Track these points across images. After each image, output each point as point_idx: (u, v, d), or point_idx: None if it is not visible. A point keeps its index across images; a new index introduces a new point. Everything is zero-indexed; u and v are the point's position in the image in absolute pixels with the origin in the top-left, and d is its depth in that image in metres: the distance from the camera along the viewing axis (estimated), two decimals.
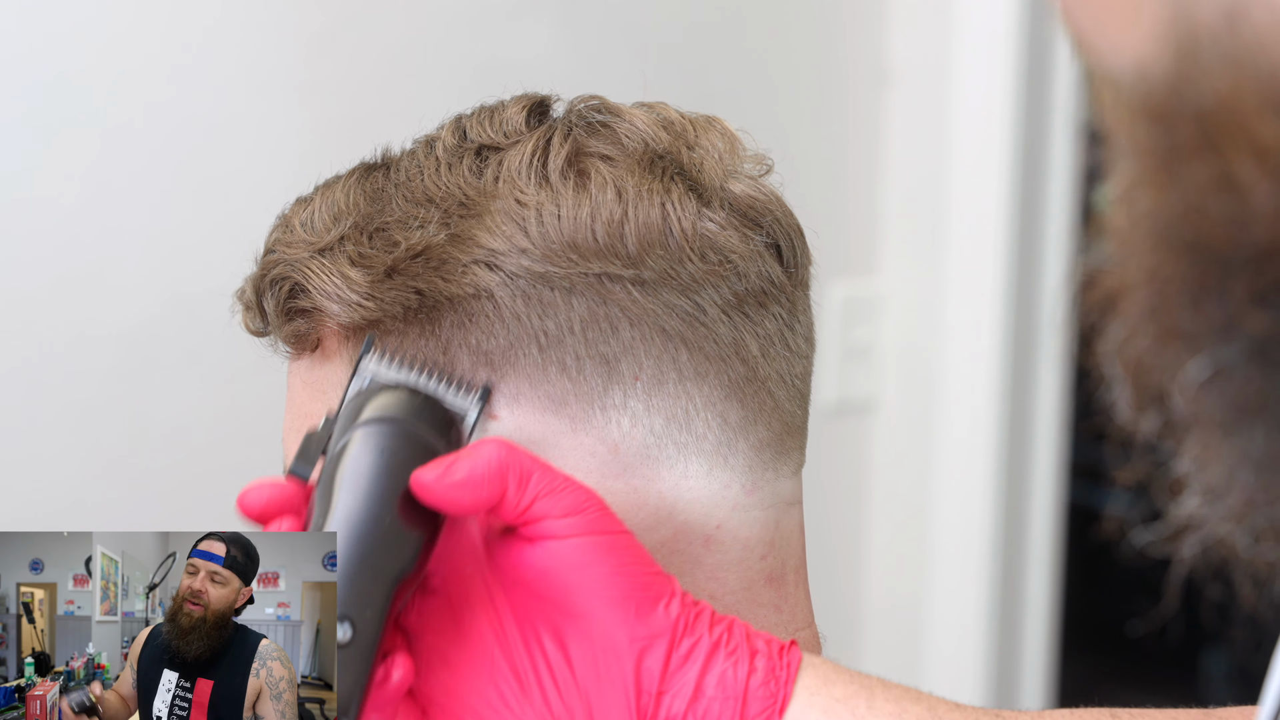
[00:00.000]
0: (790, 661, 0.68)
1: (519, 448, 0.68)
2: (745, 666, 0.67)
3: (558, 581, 0.67)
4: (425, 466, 0.67)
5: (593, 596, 0.67)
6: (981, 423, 1.85)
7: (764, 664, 0.67)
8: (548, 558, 0.67)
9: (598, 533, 0.67)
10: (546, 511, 0.67)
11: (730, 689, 0.67)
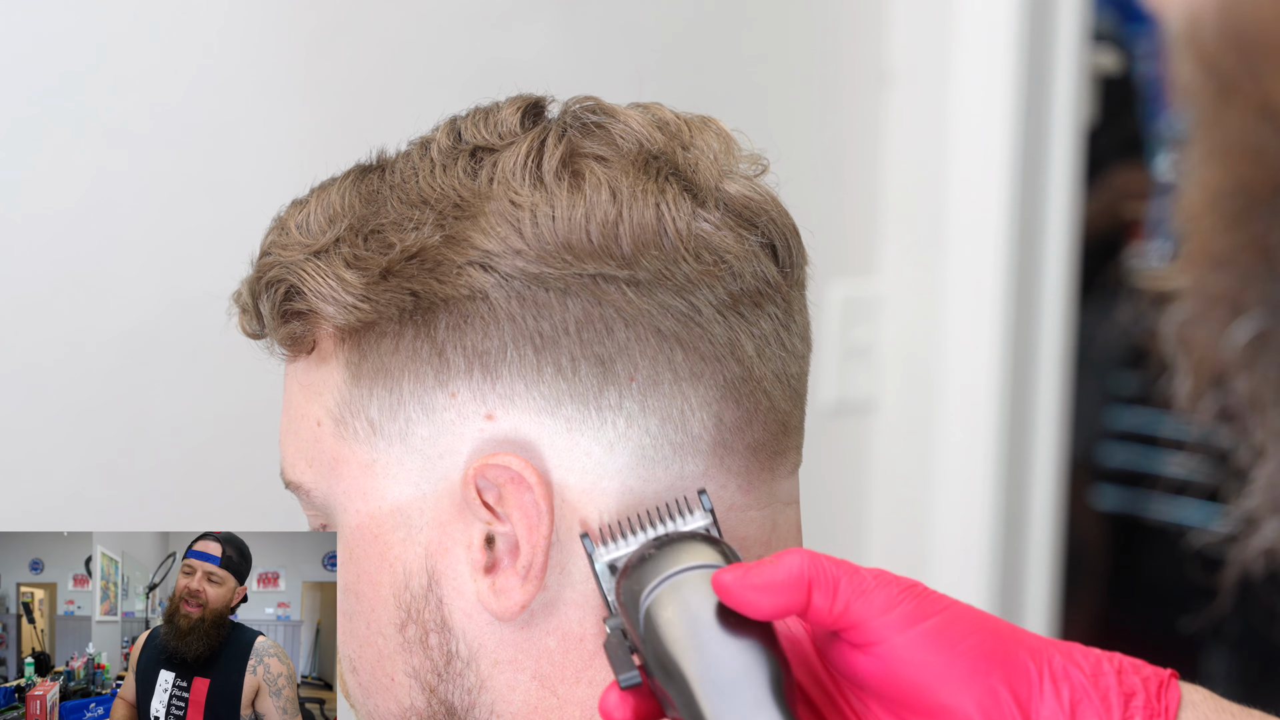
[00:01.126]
0: (1168, 704, 0.66)
1: (820, 555, 0.67)
2: (1119, 713, 0.65)
3: (900, 682, 0.66)
4: (723, 570, 0.67)
5: (939, 690, 0.65)
6: (981, 423, 1.85)
7: (1141, 707, 0.65)
8: (881, 662, 0.66)
9: (921, 620, 0.66)
10: (863, 615, 0.66)
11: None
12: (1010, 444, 1.87)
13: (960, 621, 0.66)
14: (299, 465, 0.80)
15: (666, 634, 0.66)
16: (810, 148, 1.81)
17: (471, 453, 0.75)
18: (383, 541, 0.77)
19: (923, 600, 0.66)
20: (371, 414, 0.77)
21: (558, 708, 0.76)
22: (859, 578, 0.66)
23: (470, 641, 0.76)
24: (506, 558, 0.75)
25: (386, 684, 0.78)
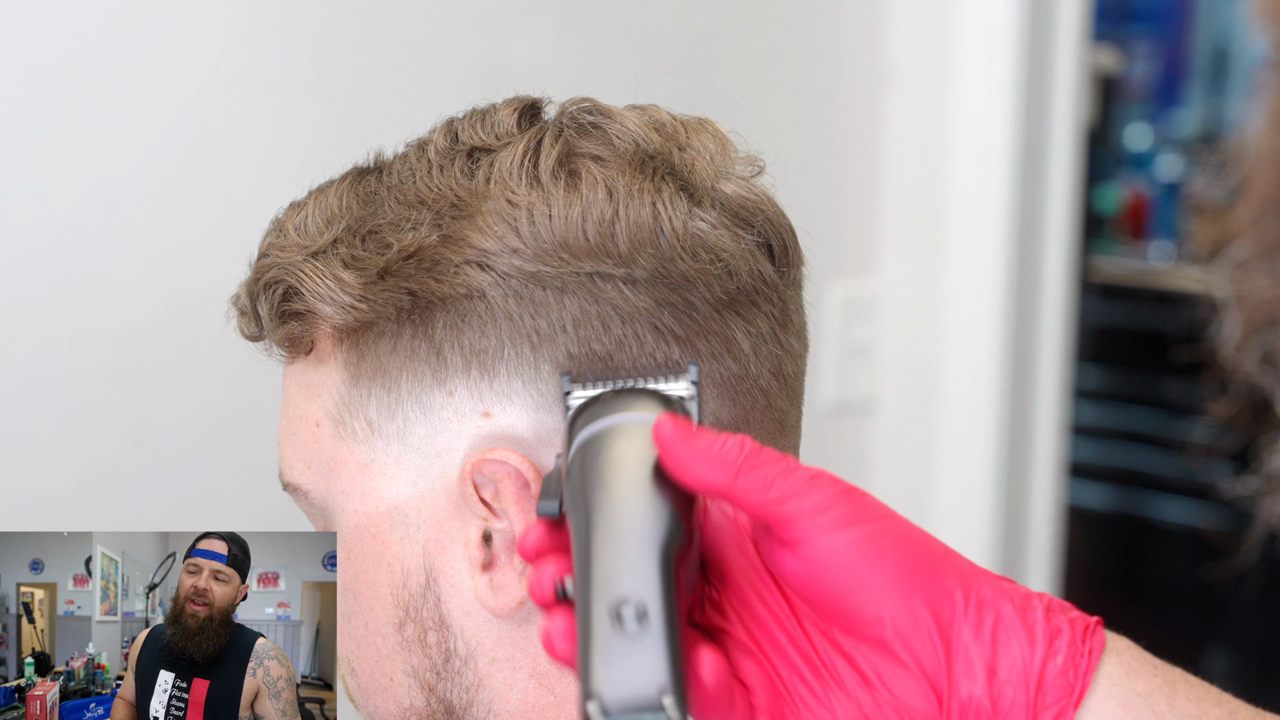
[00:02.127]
0: (1093, 647, 0.65)
1: (767, 449, 0.66)
2: (1043, 650, 0.64)
3: (821, 586, 0.65)
4: (666, 417, 0.65)
5: (859, 598, 0.65)
6: (981, 423, 1.85)
7: (1065, 647, 0.65)
8: (806, 564, 0.65)
9: (851, 526, 0.65)
10: (794, 512, 0.65)
11: (1025, 673, 0.64)
12: (1010, 444, 1.87)
13: (891, 534, 0.65)
14: (297, 466, 0.80)
15: (586, 470, 0.65)
16: (810, 147, 1.81)
17: (469, 450, 0.75)
18: (381, 541, 0.77)
19: (857, 506, 0.65)
20: (370, 414, 0.77)
21: (555, 705, 0.76)
22: (794, 474, 0.65)
23: (468, 639, 0.76)
24: (504, 554, 0.75)
25: (385, 684, 0.78)
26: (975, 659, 0.64)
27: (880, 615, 0.65)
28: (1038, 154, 1.85)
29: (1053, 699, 0.64)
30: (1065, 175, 1.87)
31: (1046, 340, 1.89)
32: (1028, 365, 1.88)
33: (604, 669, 0.58)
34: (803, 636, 0.67)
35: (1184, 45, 4.60)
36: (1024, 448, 1.89)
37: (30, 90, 1.31)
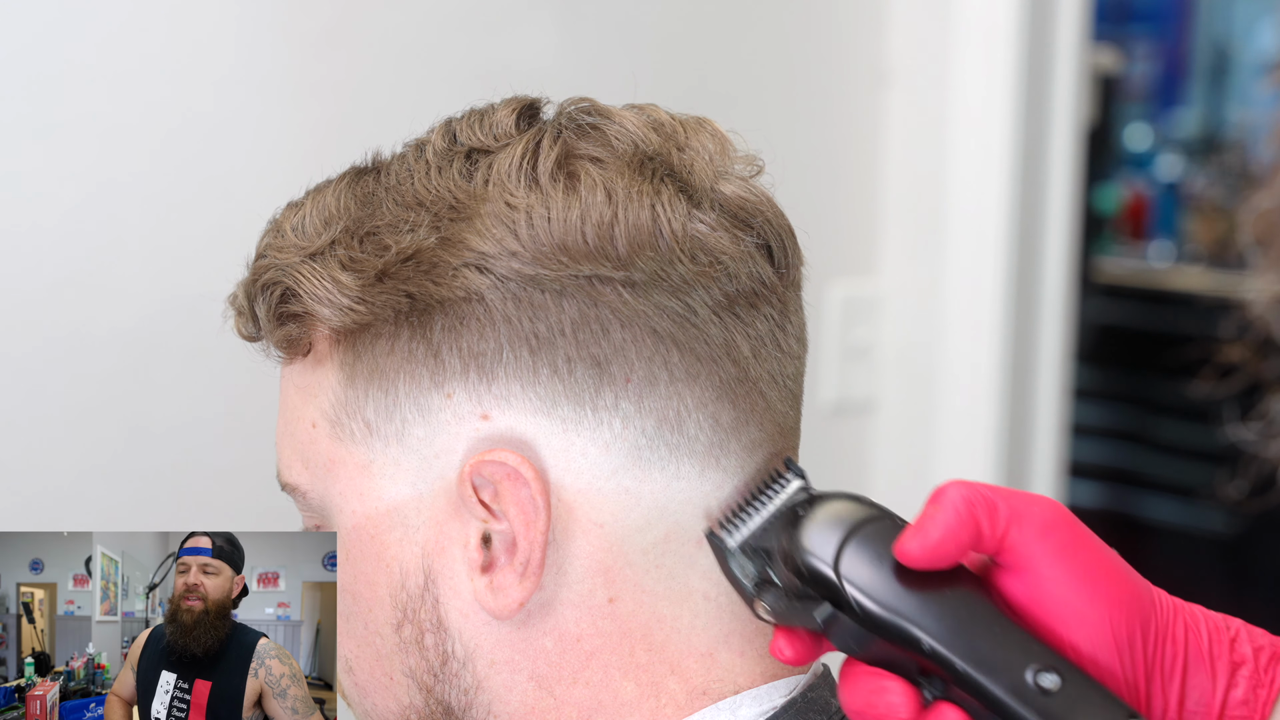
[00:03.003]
0: (1275, 676, 0.67)
1: (974, 483, 0.69)
2: (1224, 680, 0.66)
3: (1044, 610, 0.68)
4: (902, 540, 0.69)
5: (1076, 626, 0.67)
6: (981, 423, 1.85)
7: (1246, 677, 0.66)
8: (1029, 588, 0.68)
9: (1071, 555, 0.67)
10: (1017, 541, 0.68)
11: (1208, 704, 0.66)
12: (1010, 444, 1.87)
13: (1105, 564, 0.68)
14: (295, 467, 0.80)
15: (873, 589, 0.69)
16: (810, 148, 1.81)
17: (467, 451, 0.75)
18: (379, 542, 0.77)
19: (1073, 533, 0.68)
20: (367, 415, 0.77)
21: (554, 708, 0.76)
22: (1013, 501, 0.68)
23: (467, 642, 0.76)
24: (503, 555, 0.75)
25: (384, 684, 0.78)
26: (1169, 692, 0.67)
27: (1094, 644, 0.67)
28: (1038, 154, 1.85)
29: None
30: (1065, 175, 1.87)
31: (1046, 340, 1.89)
32: (1027, 365, 1.88)
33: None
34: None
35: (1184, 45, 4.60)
36: (1024, 448, 1.89)
37: (30, 91, 1.31)
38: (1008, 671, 0.64)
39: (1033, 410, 1.89)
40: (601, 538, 0.75)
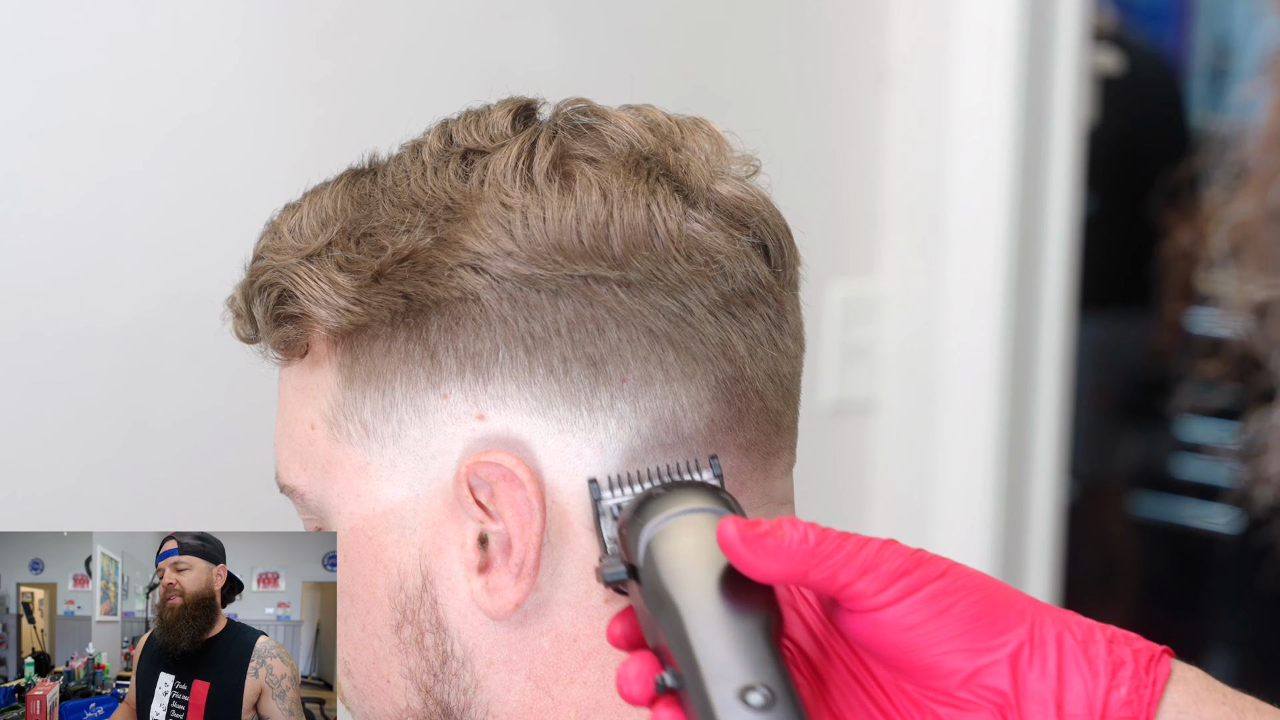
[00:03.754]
0: (1157, 677, 0.66)
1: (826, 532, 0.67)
2: (1105, 681, 0.65)
3: (890, 644, 0.66)
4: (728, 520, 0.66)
5: (927, 651, 0.66)
6: (981, 423, 1.85)
7: (1128, 679, 0.65)
8: (874, 626, 0.66)
9: (918, 589, 0.66)
10: (863, 590, 0.66)
11: (1090, 704, 0.65)
12: (1010, 444, 1.87)
13: (953, 588, 0.66)
14: (293, 469, 0.80)
15: (665, 565, 0.67)
16: (810, 147, 1.81)
17: (463, 452, 0.75)
18: (377, 543, 0.77)
19: (923, 568, 0.66)
20: (364, 416, 0.77)
21: (552, 708, 0.76)
22: (861, 551, 0.66)
23: (465, 642, 0.76)
24: (499, 556, 0.75)
25: (382, 685, 0.78)
26: (1045, 696, 0.65)
27: (947, 667, 0.66)
28: (1038, 154, 1.85)
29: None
30: (1065, 175, 1.87)
31: (1046, 340, 1.89)
32: (1028, 365, 1.88)
33: None
34: (881, 693, 0.68)
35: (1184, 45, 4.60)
36: (1024, 448, 1.89)
37: (30, 90, 1.31)
38: (724, 681, 0.62)
39: (1033, 410, 1.89)
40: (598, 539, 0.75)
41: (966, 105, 1.83)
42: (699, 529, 0.68)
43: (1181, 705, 0.66)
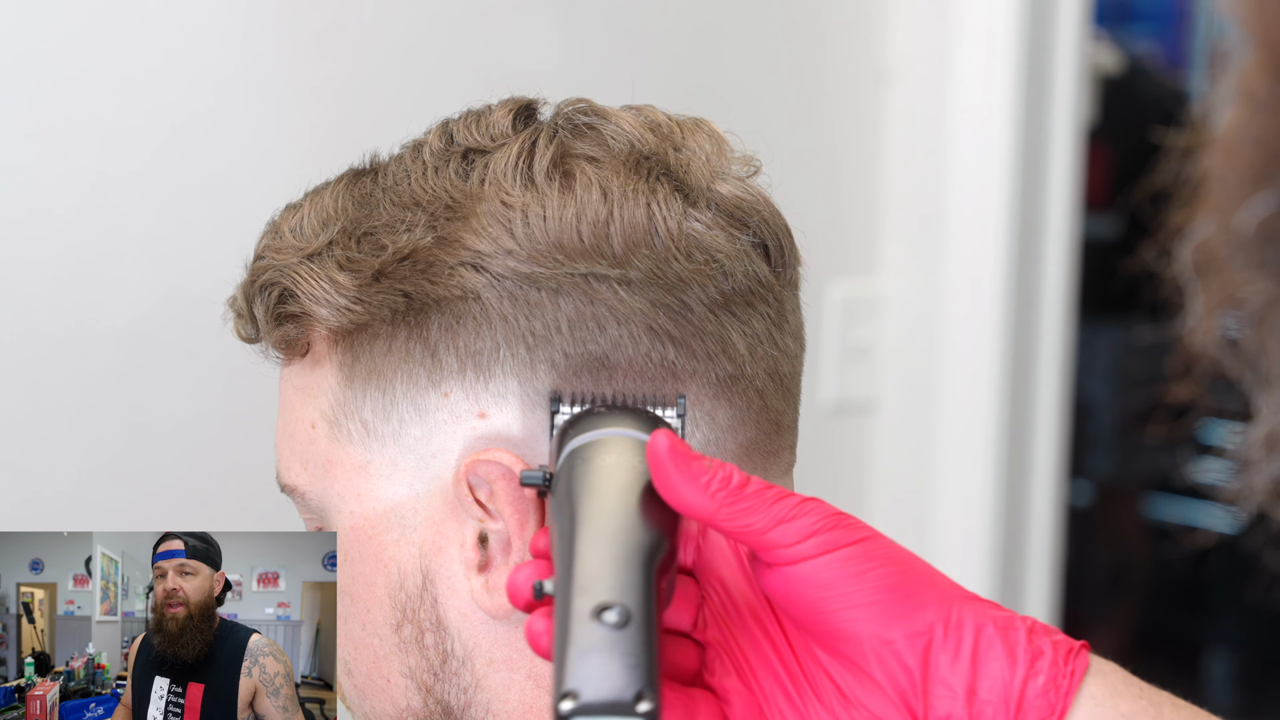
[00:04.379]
0: (1075, 669, 0.65)
1: (756, 481, 0.66)
2: (1024, 670, 0.65)
3: (802, 603, 0.66)
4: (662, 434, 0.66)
5: (837, 614, 0.66)
6: (981, 423, 1.85)
7: (1046, 668, 0.65)
8: (788, 582, 0.66)
9: (835, 548, 0.66)
10: (778, 539, 0.66)
11: (1005, 692, 0.65)
12: (1010, 444, 1.87)
13: (874, 555, 0.66)
14: (294, 468, 0.80)
15: (576, 477, 0.67)
16: (810, 147, 1.81)
17: (464, 451, 0.75)
18: (377, 542, 0.77)
19: (842, 529, 0.66)
20: (365, 415, 0.77)
21: None
22: (780, 501, 0.66)
23: (465, 640, 0.76)
24: (499, 555, 0.75)
25: (382, 685, 0.78)
26: (954, 679, 0.65)
27: (856, 633, 0.65)
28: (1038, 154, 1.85)
29: (1033, 719, 0.64)
30: (1065, 175, 1.87)
31: (1046, 340, 1.89)
32: (1028, 364, 1.88)
33: (582, 668, 0.59)
34: (789, 652, 0.68)
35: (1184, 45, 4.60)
36: (1024, 448, 1.89)
37: (30, 90, 1.31)
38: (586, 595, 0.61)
39: (1033, 410, 1.89)
40: None
41: (966, 105, 1.83)
42: (622, 451, 0.68)
43: (1099, 698, 0.65)
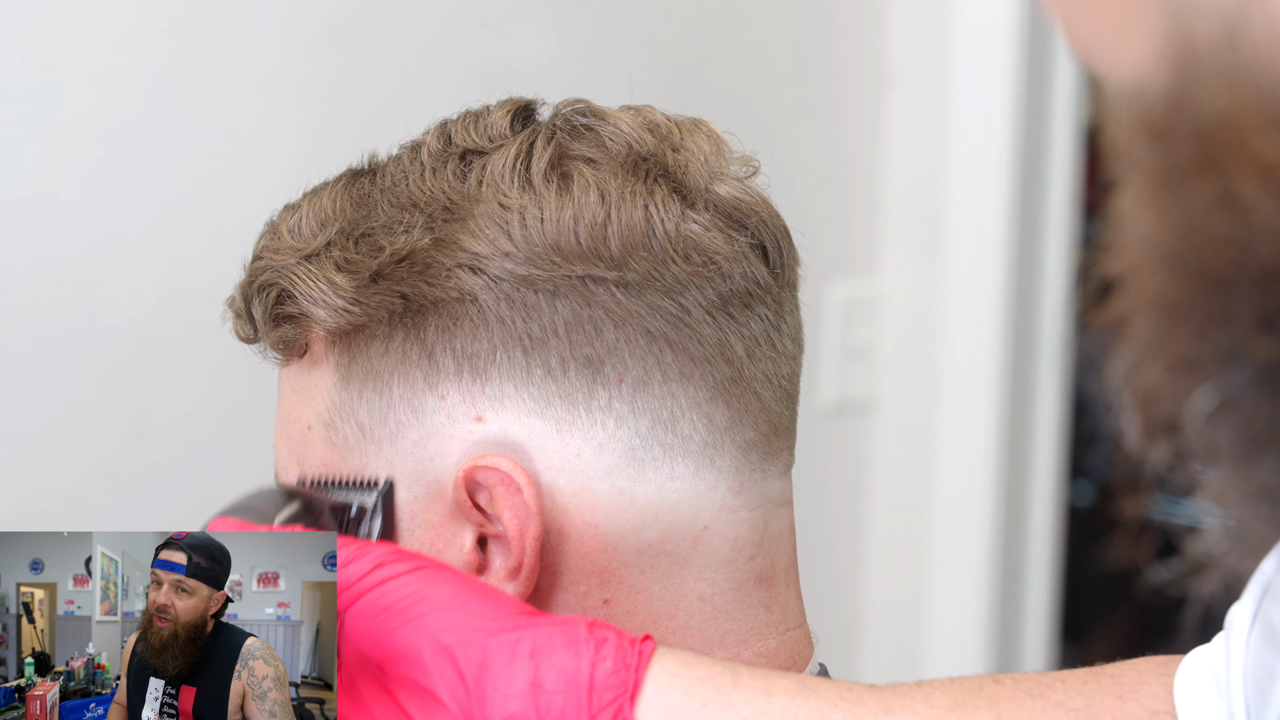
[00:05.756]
0: (643, 649, 0.68)
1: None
2: (589, 656, 0.67)
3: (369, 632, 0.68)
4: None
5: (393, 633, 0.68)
6: (981, 423, 1.85)
7: (613, 652, 0.67)
8: (356, 615, 0.69)
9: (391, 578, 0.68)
10: (348, 578, 0.69)
11: (573, 680, 0.66)
12: (1010, 444, 1.86)
13: (430, 577, 0.68)
14: (292, 469, 0.80)
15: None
16: (810, 148, 1.81)
17: (461, 455, 0.75)
18: None
19: (400, 561, 0.69)
20: (361, 418, 0.77)
21: None
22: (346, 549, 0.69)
23: None
24: (498, 559, 0.75)
25: None
26: (514, 677, 0.66)
27: (415, 646, 0.67)
28: (1038, 154, 1.85)
29: (608, 698, 0.66)
30: (1065, 175, 1.87)
31: (1047, 340, 1.89)
32: (1028, 364, 1.88)
33: None
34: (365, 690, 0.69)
35: None
36: (1024, 448, 1.89)
37: (30, 90, 1.31)
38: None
39: (1033, 410, 1.89)
40: (597, 539, 0.75)
41: (966, 105, 1.83)
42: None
43: (672, 669, 0.67)
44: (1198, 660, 0.72)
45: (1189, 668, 0.73)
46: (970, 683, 0.71)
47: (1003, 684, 0.71)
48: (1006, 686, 0.71)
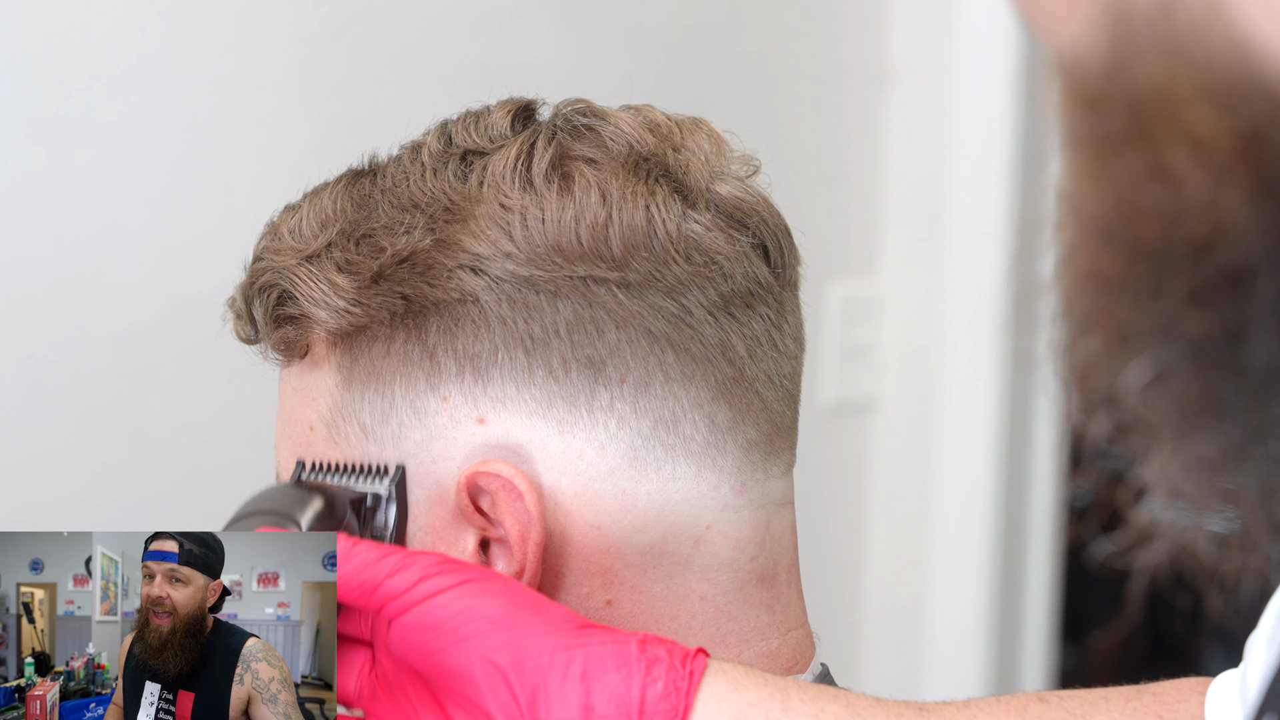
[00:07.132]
0: (694, 670, 0.67)
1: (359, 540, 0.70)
2: (640, 678, 0.66)
3: (418, 647, 0.68)
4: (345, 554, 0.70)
5: (445, 651, 0.68)
6: (981, 423, 1.85)
7: (664, 674, 0.67)
8: (404, 629, 0.69)
9: (440, 592, 0.68)
10: (391, 590, 0.69)
11: (624, 703, 0.66)
12: (1010, 444, 1.86)
13: (479, 591, 0.68)
14: (293, 469, 0.80)
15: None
16: (810, 147, 1.81)
17: (464, 458, 0.75)
18: None
19: (449, 573, 0.69)
20: (363, 418, 0.77)
21: None
22: (389, 559, 0.69)
23: None
24: (500, 561, 0.75)
25: None
26: (566, 700, 0.66)
27: (467, 666, 0.67)
28: (1038, 154, 1.85)
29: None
30: None
31: (1046, 340, 1.88)
32: (1027, 365, 1.87)
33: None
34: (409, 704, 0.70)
35: None
36: (1024, 447, 1.89)
37: (30, 90, 1.31)
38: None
39: (1033, 410, 1.89)
40: (599, 540, 0.75)
41: (966, 105, 1.83)
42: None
43: (722, 693, 0.67)
44: (1227, 682, 0.73)
45: (1219, 689, 0.73)
46: (1015, 702, 0.71)
47: (1048, 703, 0.71)
48: (1051, 706, 0.71)
